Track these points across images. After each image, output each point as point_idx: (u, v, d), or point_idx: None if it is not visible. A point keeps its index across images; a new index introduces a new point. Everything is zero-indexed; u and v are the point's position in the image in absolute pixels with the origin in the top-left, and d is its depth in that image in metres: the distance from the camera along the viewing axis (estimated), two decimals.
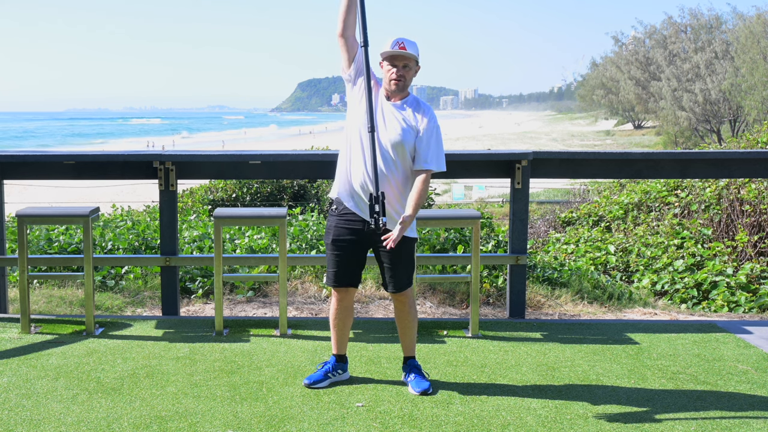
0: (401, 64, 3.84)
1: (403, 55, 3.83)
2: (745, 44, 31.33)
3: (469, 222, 5.00)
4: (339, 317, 4.08)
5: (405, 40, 3.84)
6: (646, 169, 5.87)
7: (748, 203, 8.27)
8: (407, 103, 3.92)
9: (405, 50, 3.81)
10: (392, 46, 3.82)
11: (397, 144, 3.83)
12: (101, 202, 7.93)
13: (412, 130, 3.86)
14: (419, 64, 3.90)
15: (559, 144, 51.62)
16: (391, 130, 3.85)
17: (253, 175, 6.22)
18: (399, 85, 3.85)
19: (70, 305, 6.05)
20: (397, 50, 3.81)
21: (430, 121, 3.89)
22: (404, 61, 3.85)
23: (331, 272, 4.02)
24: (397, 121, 3.87)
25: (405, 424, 3.62)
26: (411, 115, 3.89)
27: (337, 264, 3.98)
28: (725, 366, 4.50)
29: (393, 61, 3.85)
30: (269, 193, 10.81)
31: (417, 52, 3.85)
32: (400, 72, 3.84)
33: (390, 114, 3.89)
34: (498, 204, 17.05)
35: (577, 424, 3.63)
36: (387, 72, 3.87)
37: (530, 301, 6.24)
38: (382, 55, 3.87)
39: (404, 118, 3.88)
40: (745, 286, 6.80)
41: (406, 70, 3.85)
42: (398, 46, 3.81)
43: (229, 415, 3.68)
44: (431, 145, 3.87)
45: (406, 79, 3.86)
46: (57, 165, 5.69)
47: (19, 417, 3.64)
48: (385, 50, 3.85)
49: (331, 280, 4.02)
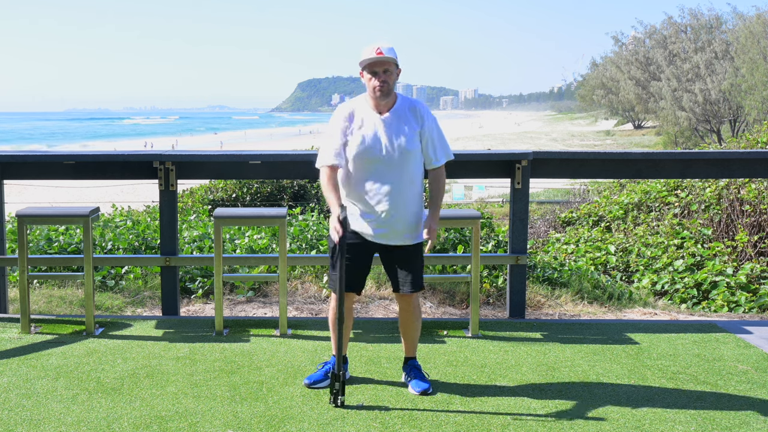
0: (382, 70, 3.82)
1: (381, 60, 3.80)
2: (745, 44, 31.34)
3: (469, 222, 5.00)
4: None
5: (382, 46, 3.81)
6: (646, 169, 5.86)
7: (748, 203, 8.27)
8: (399, 110, 3.90)
9: (383, 55, 3.79)
10: (369, 54, 3.80)
11: (406, 152, 3.85)
12: (101, 202, 7.93)
13: (415, 134, 3.88)
14: (399, 66, 3.89)
15: (559, 144, 51.63)
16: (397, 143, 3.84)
17: (253, 175, 6.21)
18: (384, 90, 3.83)
19: (70, 305, 6.05)
20: (375, 57, 3.79)
21: (427, 119, 3.92)
22: (384, 66, 3.82)
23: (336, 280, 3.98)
24: (397, 132, 3.86)
25: (405, 424, 3.62)
26: (407, 118, 3.90)
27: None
28: (725, 366, 4.50)
29: (373, 68, 3.82)
30: (269, 193, 10.81)
31: (395, 56, 3.83)
32: (382, 78, 3.82)
33: (388, 128, 3.87)
34: (498, 204, 17.05)
35: (577, 424, 3.63)
36: (369, 81, 3.84)
37: (530, 301, 6.24)
38: (361, 64, 3.84)
39: (403, 125, 3.88)
40: (745, 286, 6.80)
41: (387, 75, 3.83)
42: (376, 53, 3.79)
43: (229, 415, 3.68)
44: (435, 141, 3.93)
45: (389, 83, 3.84)
46: (57, 165, 5.69)
47: (19, 417, 3.64)
48: (363, 59, 3.82)
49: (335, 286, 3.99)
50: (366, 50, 3.83)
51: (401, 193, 3.86)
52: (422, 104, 3.98)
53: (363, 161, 3.85)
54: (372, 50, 3.80)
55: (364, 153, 3.84)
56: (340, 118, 3.91)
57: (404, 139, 3.84)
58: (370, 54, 3.79)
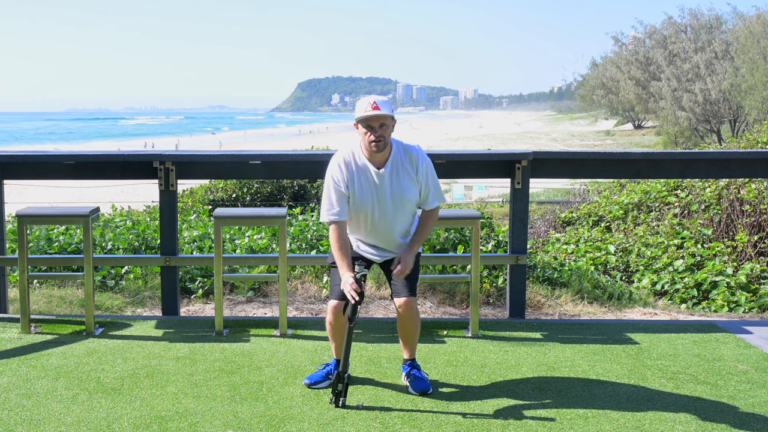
0: (377, 125, 3.80)
1: (378, 116, 3.78)
2: (745, 44, 31.33)
3: (469, 222, 5.00)
4: (336, 328, 4.01)
5: (377, 100, 3.80)
6: (646, 169, 5.87)
7: (748, 203, 8.27)
8: (395, 161, 3.91)
9: (379, 110, 3.76)
10: (366, 109, 3.78)
11: (406, 201, 3.93)
12: (101, 202, 7.93)
13: (412, 181, 3.93)
14: (395, 119, 3.88)
15: (559, 144, 51.62)
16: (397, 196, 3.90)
17: (253, 175, 6.22)
18: (380, 146, 3.81)
19: (70, 305, 6.05)
20: (372, 113, 3.76)
21: (422, 164, 3.95)
22: (380, 120, 3.80)
23: (336, 288, 3.95)
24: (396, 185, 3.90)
25: (405, 424, 3.62)
26: (405, 168, 3.92)
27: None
28: (725, 366, 4.50)
29: (369, 123, 3.80)
30: (269, 193, 10.82)
31: (391, 110, 3.81)
32: (378, 133, 3.80)
33: (388, 182, 3.89)
34: (498, 204, 17.05)
35: (577, 424, 3.63)
36: (365, 135, 3.83)
37: (530, 301, 6.24)
38: (357, 119, 3.83)
39: (401, 177, 3.91)
40: (745, 286, 6.80)
41: (383, 129, 3.81)
42: (372, 107, 3.77)
43: (229, 415, 3.68)
44: (431, 186, 3.99)
45: (385, 137, 3.83)
46: (57, 165, 5.69)
47: (19, 417, 3.64)
48: (359, 115, 3.81)
49: (337, 294, 3.96)
50: (361, 104, 3.82)
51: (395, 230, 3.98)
52: (416, 149, 3.97)
53: (360, 213, 3.93)
54: (368, 105, 3.78)
55: (363, 206, 3.90)
56: (337, 171, 3.90)
57: (402, 191, 3.91)
58: (366, 109, 3.77)
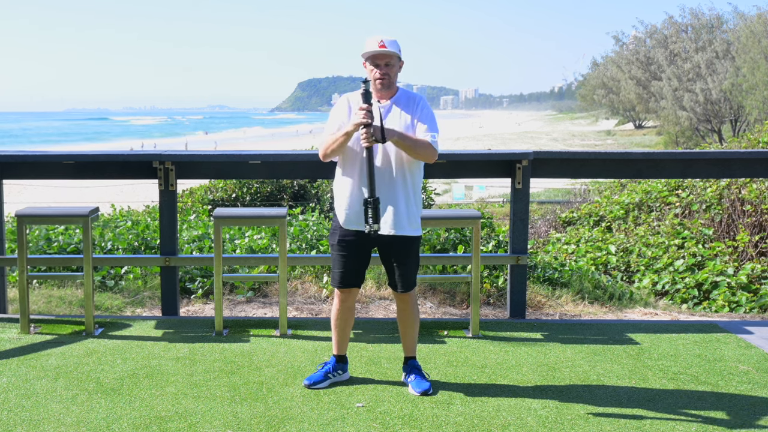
0: (383, 63, 3.87)
1: (384, 53, 3.85)
2: (746, 44, 31.31)
3: (470, 222, 4.99)
4: (341, 317, 4.09)
5: (384, 39, 3.86)
6: (647, 168, 5.86)
7: (749, 203, 8.26)
8: (399, 101, 3.95)
9: (385, 48, 3.83)
10: (373, 47, 3.85)
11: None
12: (101, 202, 7.92)
13: (411, 121, 3.91)
14: (402, 59, 3.94)
15: (559, 144, 51.59)
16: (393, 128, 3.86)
17: (253, 175, 6.21)
18: (384, 83, 3.88)
19: (70, 305, 6.04)
20: (378, 49, 3.83)
21: (423, 106, 3.95)
22: (386, 59, 3.87)
23: (336, 273, 4.02)
24: (395, 118, 3.89)
25: (405, 424, 3.61)
26: (406, 107, 3.93)
27: (343, 265, 3.99)
28: (726, 366, 4.49)
29: (375, 60, 3.87)
30: (269, 193, 10.80)
31: (398, 49, 3.87)
32: (384, 70, 3.87)
33: (386, 114, 3.90)
34: (498, 204, 17.03)
35: (577, 424, 3.62)
36: (371, 72, 3.90)
37: (531, 301, 6.23)
38: (364, 56, 3.89)
39: (401, 112, 3.91)
40: (746, 286, 6.79)
41: (389, 68, 3.88)
42: (378, 45, 3.84)
43: (229, 416, 3.67)
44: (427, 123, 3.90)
45: (390, 76, 3.89)
46: (56, 165, 5.68)
47: (19, 417, 3.64)
48: (366, 51, 3.87)
49: (336, 281, 4.03)
50: (369, 42, 3.87)
51: (392, 179, 3.87)
52: (421, 97, 4.01)
53: (357, 145, 3.86)
54: (375, 42, 3.84)
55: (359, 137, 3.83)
56: (338, 110, 3.96)
57: (400, 126, 3.86)
58: (373, 46, 3.84)
